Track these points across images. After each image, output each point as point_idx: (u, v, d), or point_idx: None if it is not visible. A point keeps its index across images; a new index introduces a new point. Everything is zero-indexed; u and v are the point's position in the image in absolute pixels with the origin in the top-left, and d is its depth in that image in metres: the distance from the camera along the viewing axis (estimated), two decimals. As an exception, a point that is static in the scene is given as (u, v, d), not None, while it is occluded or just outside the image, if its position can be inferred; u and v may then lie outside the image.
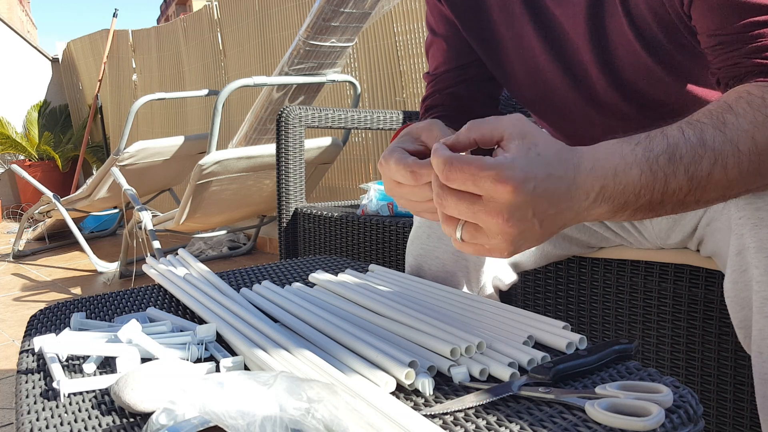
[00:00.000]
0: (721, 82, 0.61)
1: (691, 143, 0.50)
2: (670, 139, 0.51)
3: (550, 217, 0.48)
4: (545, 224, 0.49)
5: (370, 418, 0.46)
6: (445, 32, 0.85)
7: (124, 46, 5.08)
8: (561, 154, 0.48)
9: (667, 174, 0.50)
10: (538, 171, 0.47)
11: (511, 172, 0.46)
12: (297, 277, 0.93)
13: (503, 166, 0.46)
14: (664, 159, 0.50)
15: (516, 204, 0.47)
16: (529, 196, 0.46)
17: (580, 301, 1.04)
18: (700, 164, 0.50)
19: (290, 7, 3.37)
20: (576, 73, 0.76)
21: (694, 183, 0.51)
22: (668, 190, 0.50)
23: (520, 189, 0.46)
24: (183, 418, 0.43)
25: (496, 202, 0.47)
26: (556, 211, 0.48)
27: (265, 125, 2.61)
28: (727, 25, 0.58)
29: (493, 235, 0.49)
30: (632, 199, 0.50)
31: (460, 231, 0.51)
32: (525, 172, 0.46)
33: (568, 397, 0.50)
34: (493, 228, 0.48)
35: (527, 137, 0.48)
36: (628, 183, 0.49)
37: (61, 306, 0.84)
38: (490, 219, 0.48)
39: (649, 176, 0.49)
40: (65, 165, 5.71)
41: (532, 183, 0.46)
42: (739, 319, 0.66)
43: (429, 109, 0.88)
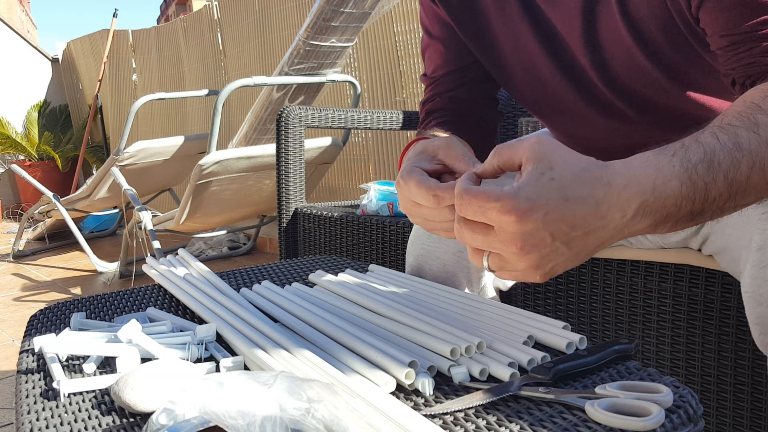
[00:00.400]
0: (737, 82, 0.60)
1: (727, 148, 0.49)
2: (706, 147, 0.49)
3: (577, 238, 0.48)
4: (574, 245, 0.48)
5: (370, 418, 0.46)
6: (441, 34, 0.85)
7: (124, 46, 5.08)
8: (585, 174, 0.47)
9: (707, 182, 0.49)
10: (549, 197, 0.46)
11: (515, 202, 0.46)
12: (297, 277, 0.93)
13: (507, 196, 0.46)
14: (702, 167, 0.49)
15: (526, 232, 0.46)
16: (539, 223, 0.46)
17: (580, 301, 1.03)
18: (738, 169, 0.49)
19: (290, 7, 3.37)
20: (573, 73, 0.76)
21: (734, 188, 0.50)
22: (708, 198, 0.49)
23: (526, 218, 0.46)
24: (183, 418, 0.43)
25: (506, 232, 0.47)
26: (583, 232, 0.47)
27: (265, 125, 2.61)
28: (739, 25, 0.57)
29: (515, 262, 0.49)
30: (674, 211, 0.49)
31: (486, 261, 0.51)
32: (531, 201, 0.46)
33: (568, 397, 0.50)
34: (510, 256, 0.48)
35: (543, 161, 0.47)
36: (669, 195, 0.48)
37: (61, 306, 0.84)
38: (505, 248, 0.48)
39: (689, 187, 0.48)
40: (65, 165, 5.71)
41: (540, 211, 0.46)
42: (756, 315, 0.65)
43: (430, 113, 0.87)
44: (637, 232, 0.50)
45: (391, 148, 2.93)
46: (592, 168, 0.48)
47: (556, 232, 0.47)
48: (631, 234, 0.50)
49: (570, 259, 0.49)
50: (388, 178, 2.93)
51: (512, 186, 0.47)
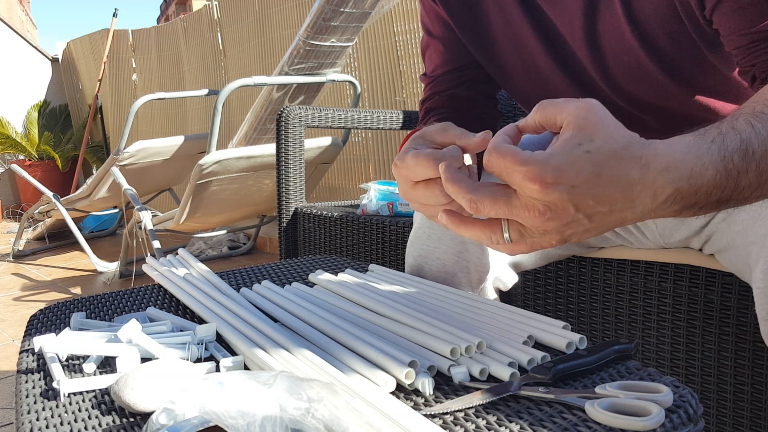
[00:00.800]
0: (758, 77, 0.60)
1: (761, 137, 0.48)
2: (742, 135, 0.48)
3: (601, 214, 0.46)
4: (596, 219, 0.47)
5: (370, 417, 0.46)
6: (441, 34, 0.85)
7: (124, 46, 5.08)
8: (624, 152, 0.45)
9: (740, 171, 0.48)
10: (580, 170, 0.44)
11: (542, 170, 0.44)
12: (297, 277, 0.93)
13: (536, 162, 0.44)
14: (738, 156, 0.48)
15: (549, 201, 0.45)
16: (564, 194, 0.44)
17: (580, 300, 1.04)
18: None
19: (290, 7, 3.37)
20: (575, 72, 0.76)
21: (764, 178, 0.49)
22: (738, 187, 0.48)
23: (551, 189, 0.44)
24: (183, 418, 0.43)
25: (528, 198, 0.46)
26: (609, 209, 0.46)
27: (265, 125, 2.61)
28: (757, 23, 0.57)
29: (535, 229, 0.48)
30: (703, 198, 0.48)
31: (507, 232, 0.49)
32: (559, 172, 0.44)
33: (568, 396, 0.50)
34: (531, 222, 0.47)
35: (584, 130, 0.45)
36: (702, 184, 0.47)
37: (61, 306, 0.84)
38: (526, 213, 0.46)
39: (723, 175, 0.47)
40: (65, 165, 5.71)
41: (567, 183, 0.44)
42: (767, 311, 0.65)
43: (428, 111, 0.87)
44: (663, 216, 0.49)
45: (391, 148, 2.93)
46: (633, 145, 0.46)
47: (580, 204, 0.45)
48: (657, 217, 0.49)
49: (589, 230, 0.48)
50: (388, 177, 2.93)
51: (544, 152, 0.45)
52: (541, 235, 0.48)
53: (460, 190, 0.49)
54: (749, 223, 0.70)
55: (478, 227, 0.51)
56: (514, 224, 0.49)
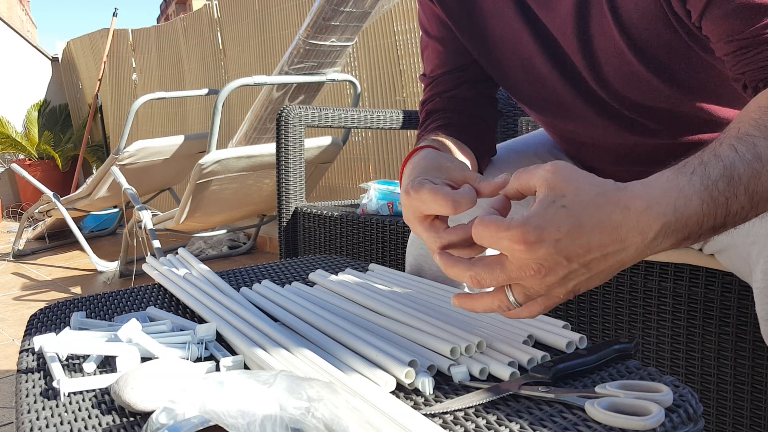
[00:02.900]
0: (749, 86, 0.60)
1: (746, 160, 0.49)
2: (725, 161, 0.49)
3: (595, 261, 0.47)
4: (593, 266, 0.48)
5: (370, 417, 0.46)
6: (440, 34, 0.85)
7: (124, 46, 5.08)
8: (599, 198, 0.47)
9: (728, 197, 0.48)
10: (560, 225, 0.46)
11: (524, 232, 0.46)
12: (297, 277, 0.93)
13: (516, 226, 0.46)
14: (723, 183, 0.48)
15: (538, 258, 0.46)
16: (551, 249, 0.46)
17: (580, 300, 1.04)
18: (759, 180, 0.49)
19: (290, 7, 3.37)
20: (571, 74, 0.76)
21: (756, 200, 0.49)
22: (730, 212, 0.49)
23: (536, 247, 0.46)
24: (183, 417, 0.43)
25: (519, 259, 0.47)
26: (601, 255, 0.47)
27: (265, 124, 2.60)
28: (744, 29, 0.57)
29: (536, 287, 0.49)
30: (695, 228, 0.48)
31: (512, 296, 0.50)
32: (540, 230, 0.46)
33: (568, 396, 0.50)
34: (530, 282, 0.48)
35: (555, 188, 0.47)
36: (690, 215, 0.48)
37: (61, 305, 0.84)
38: (522, 273, 0.48)
39: (710, 204, 0.48)
40: (65, 164, 5.70)
41: (550, 239, 0.46)
42: (766, 311, 0.65)
43: (430, 113, 0.87)
44: (660, 251, 0.49)
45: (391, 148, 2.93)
46: (608, 192, 0.47)
47: (571, 255, 0.47)
48: (654, 252, 0.49)
49: (592, 278, 0.49)
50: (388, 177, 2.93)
51: (523, 214, 0.47)
52: (547, 291, 0.49)
53: (460, 270, 0.51)
54: (749, 223, 0.70)
55: (486, 299, 0.52)
56: (516, 287, 0.50)
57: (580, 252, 0.47)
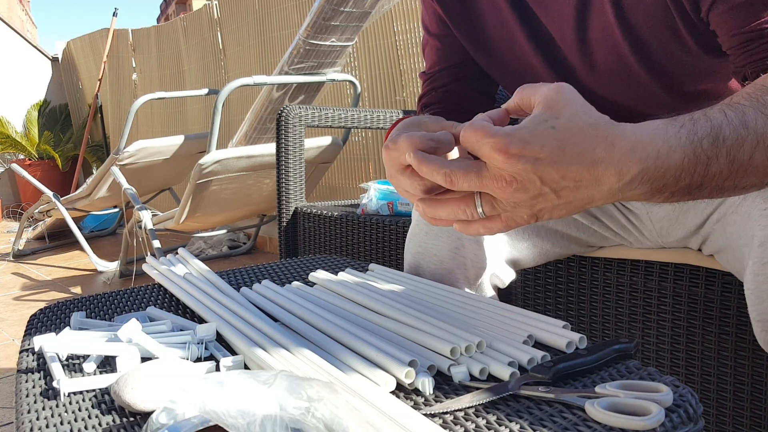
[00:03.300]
0: (749, 77, 0.60)
1: (734, 125, 0.49)
2: (713, 122, 0.49)
3: (567, 189, 0.48)
4: (563, 194, 0.48)
5: (370, 417, 0.46)
6: (438, 31, 0.85)
7: (124, 46, 5.08)
8: (590, 130, 0.47)
9: (709, 157, 0.49)
10: (544, 144, 0.46)
11: (507, 142, 0.46)
12: (297, 277, 0.93)
13: (502, 134, 0.46)
14: (707, 142, 0.49)
15: (514, 171, 0.47)
16: (528, 165, 0.46)
17: (580, 300, 1.04)
18: (742, 147, 0.49)
19: (290, 7, 3.37)
20: (568, 76, 0.76)
21: (735, 166, 0.50)
22: (709, 173, 0.49)
23: (514, 159, 0.46)
24: (183, 418, 0.43)
25: (496, 168, 0.48)
26: (575, 185, 0.48)
27: (265, 124, 2.60)
28: (749, 23, 0.58)
29: (506, 201, 0.49)
30: (671, 181, 0.49)
31: (480, 206, 0.51)
32: (524, 144, 0.46)
33: (568, 396, 0.50)
34: (500, 193, 0.49)
35: (552, 108, 0.47)
36: (670, 166, 0.48)
37: (61, 305, 0.84)
38: (494, 184, 0.48)
39: (692, 159, 0.48)
40: (65, 164, 5.71)
41: (531, 155, 0.46)
42: (758, 312, 0.65)
43: (425, 107, 0.88)
44: (632, 198, 0.50)
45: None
46: (600, 125, 0.48)
47: (545, 177, 0.47)
48: (625, 199, 0.50)
49: (558, 207, 0.49)
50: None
51: (513, 126, 0.47)
52: (512, 208, 0.50)
53: (434, 166, 0.51)
54: (741, 225, 0.70)
55: (452, 204, 0.52)
56: (486, 197, 0.50)
57: (555, 177, 0.47)
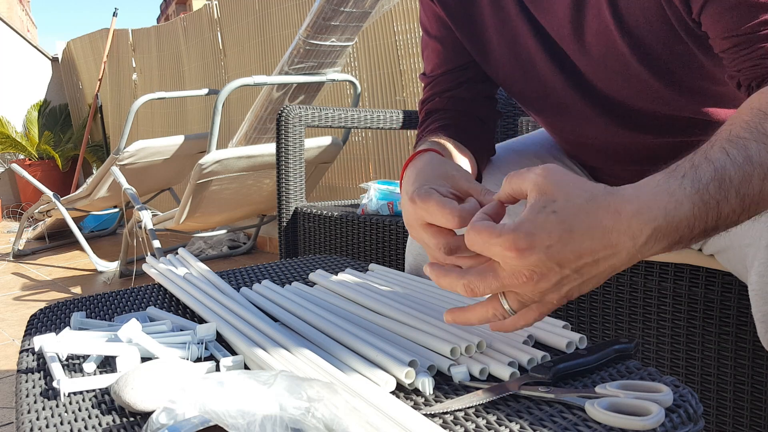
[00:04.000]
0: (742, 84, 0.60)
1: (738, 163, 0.49)
2: (716, 164, 0.49)
3: (587, 266, 0.47)
4: (585, 272, 0.48)
5: (370, 417, 0.46)
6: (439, 33, 0.85)
7: (124, 46, 5.08)
8: (590, 205, 0.47)
9: (719, 201, 0.48)
10: (551, 231, 0.46)
11: (515, 239, 0.46)
12: (297, 277, 0.93)
13: (507, 233, 0.46)
14: (714, 187, 0.48)
15: (530, 264, 0.46)
16: (542, 255, 0.46)
17: (580, 300, 1.04)
18: (750, 183, 0.49)
19: (290, 7, 3.37)
20: (572, 73, 0.76)
21: (747, 202, 0.49)
22: (722, 215, 0.49)
23: (527, 254, 0.46)
24: (183, 417, 0.43)
25: (511, 266, 0.47)
26: (593, 260, 0.47)
27: (265, 124, 2.60)
28: (740, 26, 0.57)
29: (532, 294, 0.49)
30: (686, 232, 0.48)
31: (507, 304, 0.51)
32: (531, 237, 0.46)
33: (568, 396, 0.50)
34: (523, 289, 0.48)
35: (546, 193, 0.47)
36: (681, 219, 0.47)
37: (61, 305, 0.84)
38: (515, 281, 0.48)
39: (701, 207, 0.48)
40: (65, 164, 5.70)
41: (541, 245, 0.46)
42: (762, 313, 0.65)
43: (429, 113, 0.87)
44: (652, 254, 0.49)
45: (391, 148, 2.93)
46: (598, 197, 0.47)
47: (562, 261, 0.47)
48: (646, 257, 0.49)
49: (585, 283, 0.49)
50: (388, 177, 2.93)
51: (514, 221, 0.47)
52: (540, 298, 0.49)
53: (452, 279, 0.51)
54: (746, 226, 0.70)
55: (479, 309, 0.52)
56: (510, 295, 0.50)
57: (572, 258, 0.47)
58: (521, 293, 0.49)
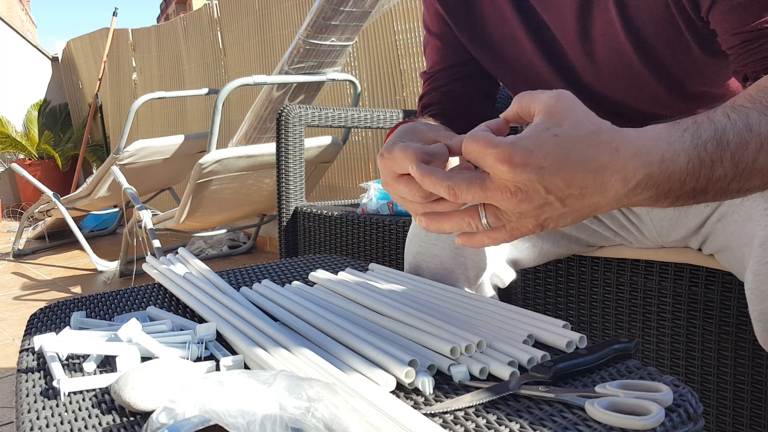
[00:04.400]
0: (750, 77, 0.60)
1: (737, 128, 0.49)
2: (717, 125, 0.49)
3: (572, 197, 0.47)
4: (569, 202, 0.48)
5: (370, 417, 0.46)
6: (439, 31, 0.85)
7: (124, 45, 5.08)
8: (593, 137, 0.47)
9: (714, 160, 0.48)
10: (548, 152, 0.46)
11: (511, 152, 0.46)
12: (297, 276, 0.93)
13: (505, 144, 0.46)
14: (712, 145, 0.48)
15: (519, 181, 0.46)
16: (533, 175, 0.46)
17: (580, 300, 1.04)
18: (746, 150, 0.49)
19: (290, 6, 3.37)
20: (569, 75, 0.76)
21: (739, 169, 0.49)
22: (713, 177, 0.49)
23: (519, 169, 0.46)
24: (183, 417, 0.43)
25: (500, 179, 0.47)
26: (580, 192, 0.47)
27: (265, 124, 2.60)
28: (749, 22, 0.58)
29: (511, 212, 0.49)
30: (677, 186, 0.49)
31: (484, 217, 0.50)
32: (527, 153, 0.45)
33: (568, 395, 0.50)
34: (505, 204, 0.48)
35: (554, 116, 0.47)
36: (675, 170, 0.48)
37: (61, 305, 0.84)
38: (499, 195, 0.48)
39: (696, 163, 0.48)
40: (65, 164, 5.71)
41: (535, 164, 0.45)
42: (759, 312, 0.65)
43: (425, 107, 0.88)
44: (637, 204, 0.50)
45: (389, 147, 2.93)
46: (603, 131, 0.47)
47: (550, 186, 0.46)
48: (630, 204, 0.49)
49: (564, 215, 0.49)
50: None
51: (516, 135, 0.47)
52: (517, 219, 0.49)
53: (437, 179, 0.50)
54: (742, 225, 0.70)
55: (456, 216, 0.52)
56: (490, 208, 0.50)
57: (561, 185, 0.46)
58: (501, 209, 0.49)
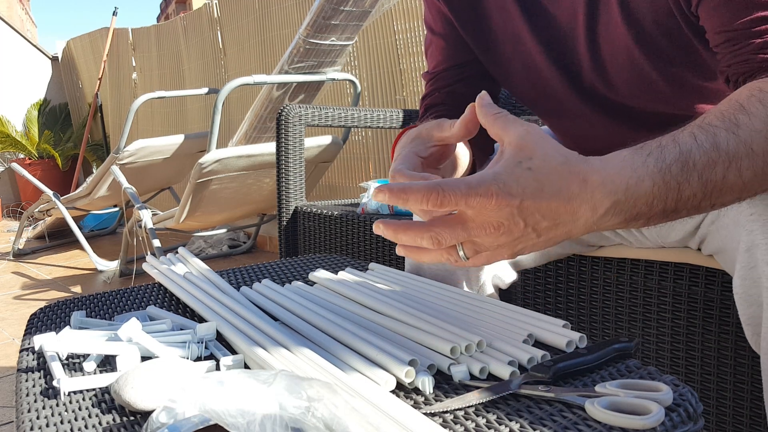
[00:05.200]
0: (731, 79, 0.61)
1: (704, 149, 0.50)
2: (682, 147, 0.50)
3: (547, 228, 0.49)
4: (543, 233, 0.49)
5: (370, 416, 0.46)
6: (443, 31, 0.85)
7: (124, 45, 5.07)
8: (563, 168, 0.48)
9: (680, 182, 0.49)
10: (525, 185, 0.47)
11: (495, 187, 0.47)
12: (297, 276, 0.93)
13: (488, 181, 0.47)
14: (676, 168, 0.49)
15: (502, 216, 0.47)
16: (515, 209, 0.47)
17: (580, 299, 1.04)
18: (713, 169, 0.50)
19: (290, 6, 3.37)
20: (573, 73, 0.76)
21: (709, 188, 0.50)
22: (682, 197, 0.50)
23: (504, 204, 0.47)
24: (183, 417, 0.43)
25: (483, 216, 0.48)
26: (553, 223, 0.48)
27: (265, 124, 2.60)
28: (733, 21, 0.58)
29: (489, 245, 0.50)
30: (645, 209, 0.50)
31: (462, 251, 0.51)
32: (508, 188, 0.47)
33: (568, 395, 0.50)
34: (487, 240, 0.49)
35: (524, 149, 0.48)
36: (640, 195, 0.49)
37: (61, 304, 0.84)
38: (483, 232, 0.48)
39: (661, 186, 0.49)
40: (65, 163, 5.70)
41: (517, 198, 0.47)
42: (747, 316, 0.65)
43: (428, 108, 0.88)
44: (608, 228, 0.51)
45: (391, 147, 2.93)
46: (571, 162, 0.49)
47: (529, 219, 0.48)
48: (601, 229, 0.51)
49: (537, 244, 0.51)
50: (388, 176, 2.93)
51: (488, 172, 0.48)
52: (494, 249, 0.51)
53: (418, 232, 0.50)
54: (732, 229, 0.70)
55: (434, 253, 0.53)
56: (468, 244, 0.51)
57: (537, 217, 0.48)
58: (479, 243, 0.50)
